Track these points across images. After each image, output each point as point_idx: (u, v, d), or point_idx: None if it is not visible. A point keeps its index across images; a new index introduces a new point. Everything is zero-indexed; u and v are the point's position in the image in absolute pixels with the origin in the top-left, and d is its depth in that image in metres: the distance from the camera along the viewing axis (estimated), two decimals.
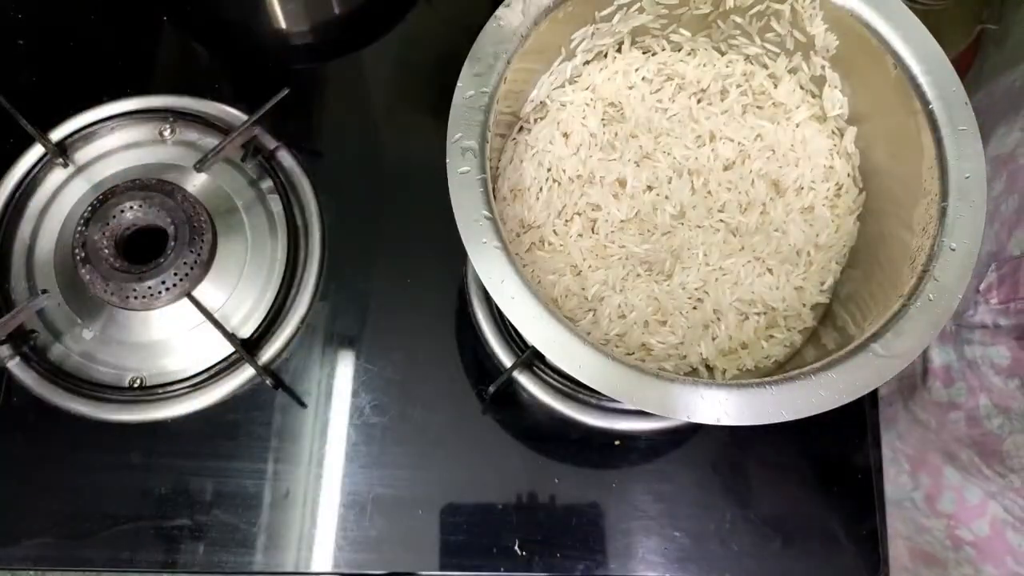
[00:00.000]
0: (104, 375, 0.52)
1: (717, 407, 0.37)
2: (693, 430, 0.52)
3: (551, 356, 0.38)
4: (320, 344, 0.54)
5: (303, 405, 0.52)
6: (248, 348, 0.52)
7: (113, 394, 0.51)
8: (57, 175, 0.56)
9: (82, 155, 0.57)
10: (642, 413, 0.49)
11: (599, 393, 0.37)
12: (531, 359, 0.51)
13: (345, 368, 0.53)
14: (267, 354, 0.52)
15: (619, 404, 0.50)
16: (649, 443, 0.52)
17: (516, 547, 0.49)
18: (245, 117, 0.56)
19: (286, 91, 0.56)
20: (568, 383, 0.51)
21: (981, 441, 0.53)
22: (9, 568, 0.49)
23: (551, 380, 0.52)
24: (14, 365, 0.51)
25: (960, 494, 0.56)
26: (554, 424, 0.52)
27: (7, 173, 0.55)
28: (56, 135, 0.56)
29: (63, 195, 0.56)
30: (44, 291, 0.52)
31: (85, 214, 0.50)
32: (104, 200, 0.50)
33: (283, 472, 0.51)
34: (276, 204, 0.55)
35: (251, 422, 0.52)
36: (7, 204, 0.55)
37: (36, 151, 0.56)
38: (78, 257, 0.49)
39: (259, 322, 0.53)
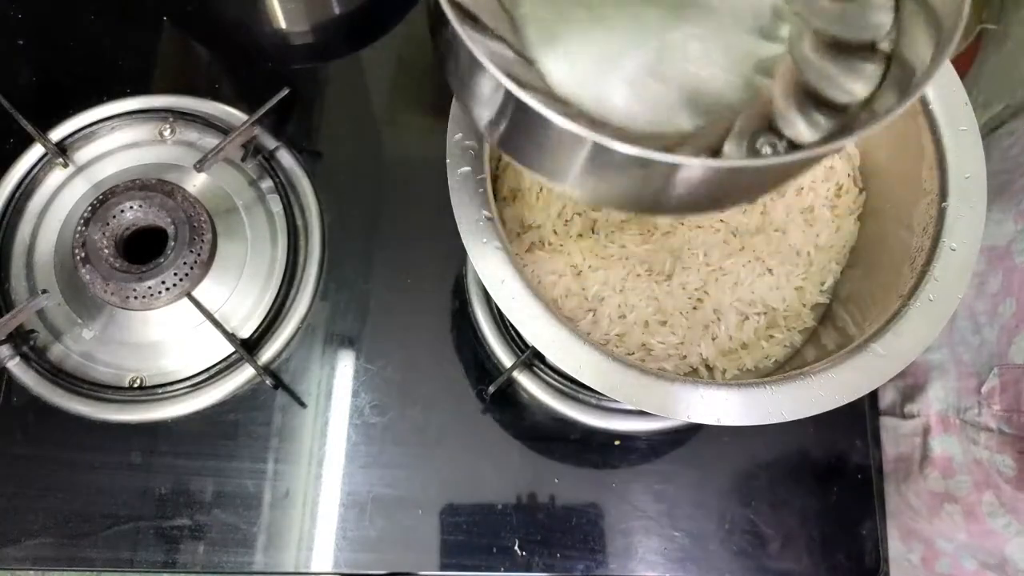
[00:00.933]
0: (104, 375, 0.52)
1: (717, 407, 0.37)
2: (693, 430, 0.52)
3: (551, 356, 0.38)
4: (320, 344, 0.54)
5: (303, 405, 0.52)
6: (248, 348, 0.52)
7: (113, 394, 0.51)
8: (57, 175, 0.56)
9: (82, 155, 0.57)
10: (642, 413, 0.49)
11: (599, 393, 0.37)
12: (531, 359, 0.51)
13: (345, 368, 0.53)
14: (267, 354, 0.52)
15: (619, 404, 0.50)
16: (649, 443, 0.52)
17: (516, 547, 0.49)
18: (245, 117, 0.56)
19: (286, 91, 0.56)
20: (568, 383, 0.51)
21: (980, 536, 0.52)
22: (9, 568, 0.49)
23: (551, 380, 0.52)
24: (14, 365, 0.51)
25: (956, 560, 0.55)
26: (554, 424, 0.52)
27: (7, 173, 0.55)
28: (56, 135, 0.56)
29: (63, 195, 0.56)
30: (44, 291, 0.52)
31: (85, 214, 0.50)
32: (104, 200, 0.50)
33: (283, 472, 0.51)
34: (276, 204, 0.55)
35: (251, 422, 0.52)
36: (7, 204, 0.55)
37: (36, 151, 0.56)
38: (78, 257, 0.49)
39: (259, 322, 0.53)
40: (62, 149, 0.56)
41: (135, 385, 0.52)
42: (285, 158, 0.57)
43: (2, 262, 0.54)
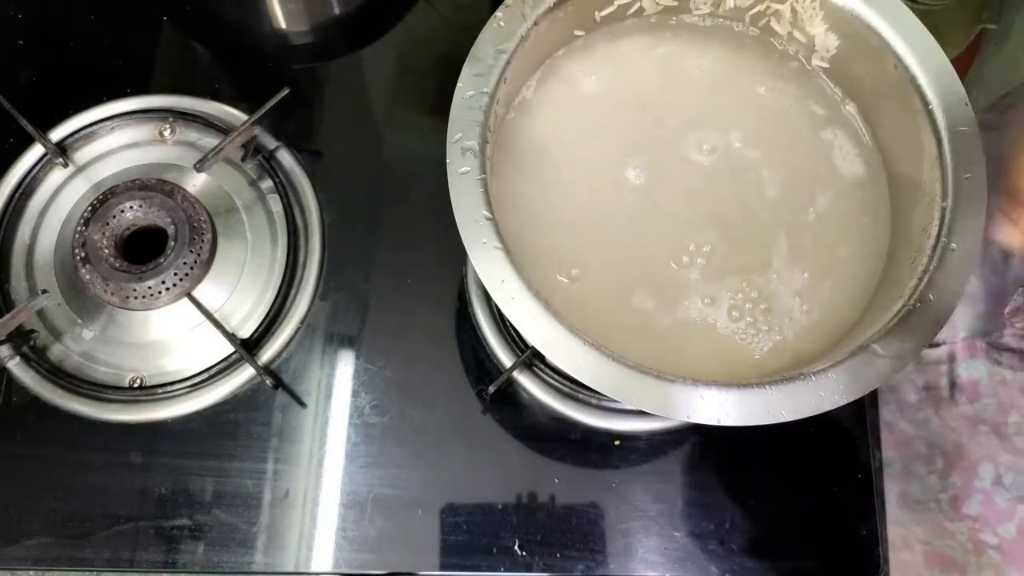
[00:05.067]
0: (104, 375, 0.52)
1: (717, 407, 0.37)
2: (693, 430, 0.52)
3: (551, 356, 0.38)
4: (320, 344, 0.53)
5: (303, 405, 0.52)
6: (248, 348, 0.52)
7: (113, 394, 0.51)
8: (57, 175, 0.56)
9: (82, 155, 0.57)
10: (642, 413, 0.49)
11: (599, 393, 0.37)
12: (531, 359, 0.51)
13: (345, 368, 0.53)
14: (267, 354, 0.52)
15: (619, 404, 0.50)
16: (649, 443, 0.52)
17: (516, 547, 0.49)
18: (245, 117, 0.56)
19: (286, 91, 0.56)
20: (568, 383, 0.51)
21: (1013, 454, 0.53)
22: (9, 568, 0.49)
23: (551, 380, 0.52)
24: (14, 365, 0.51)
25: (989, 497, 0.55)
26: (554, 424, 0.52)
27: (7, 173, 0.55)
28: (56, 135, 0.56)
29: (63, 195, 0.56)
30: (44, 291, 0.52)
31: (85, 214, 0.50)
32: (104, 200, 0.50)
33: (283, 472, 0.51)
34: (276, 204, 0.55)
35: (251, 422, 0.52)
36: (7, 204, 0.55)
37: (36, 151, 0.56)
38: (78, 257, 0.49)
39: (259, 322, 0.53)
40: (62, 149, 0.56)
41: (135, 385, 0.52)
42: (285, 158, 0.57)
43: (2, 262, 0.54)
